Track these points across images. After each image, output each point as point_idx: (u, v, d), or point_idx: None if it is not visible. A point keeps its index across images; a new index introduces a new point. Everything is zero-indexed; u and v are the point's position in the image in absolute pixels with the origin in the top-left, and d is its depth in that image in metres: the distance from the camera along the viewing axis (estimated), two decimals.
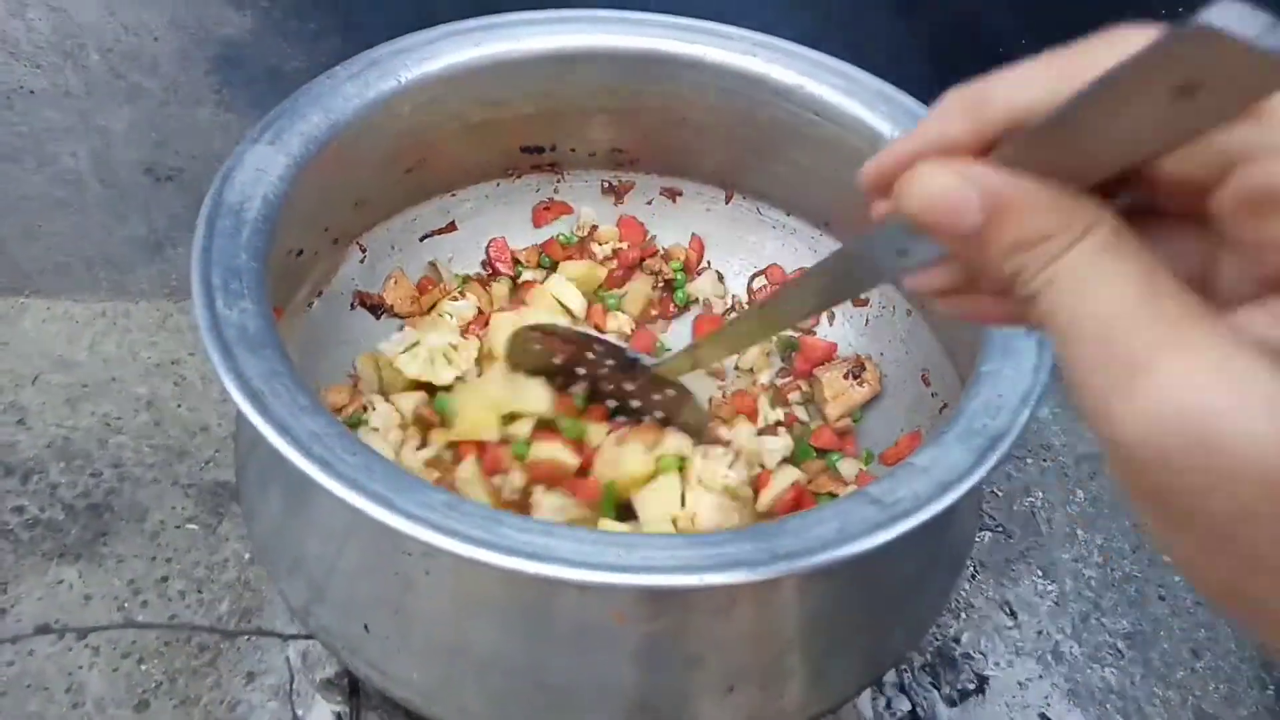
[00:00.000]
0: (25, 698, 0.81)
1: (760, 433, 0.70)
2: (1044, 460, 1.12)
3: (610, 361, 0.65)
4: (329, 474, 0.40)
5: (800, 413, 0.74)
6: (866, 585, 0.50)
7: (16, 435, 1.00)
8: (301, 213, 0.59)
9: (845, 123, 0.66)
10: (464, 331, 0.73)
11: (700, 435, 0.65)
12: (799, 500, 0.63)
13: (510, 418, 0.65)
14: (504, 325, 0.69)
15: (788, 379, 0.76)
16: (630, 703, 0.47)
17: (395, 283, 0.74)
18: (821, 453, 0.70)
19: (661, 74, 0.69)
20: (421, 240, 0.78)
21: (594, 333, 0.66)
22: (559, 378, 0.68)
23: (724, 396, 0.75)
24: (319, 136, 0.58)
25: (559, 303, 0.75)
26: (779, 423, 0.71)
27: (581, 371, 0.67)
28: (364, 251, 0.73)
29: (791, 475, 0.64)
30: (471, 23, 0.66)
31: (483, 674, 0.48)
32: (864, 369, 0.71)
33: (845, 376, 0.70)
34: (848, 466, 0.69)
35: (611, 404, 0.68)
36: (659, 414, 0.66)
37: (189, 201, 1.02)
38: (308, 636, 0.85)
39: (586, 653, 0.46)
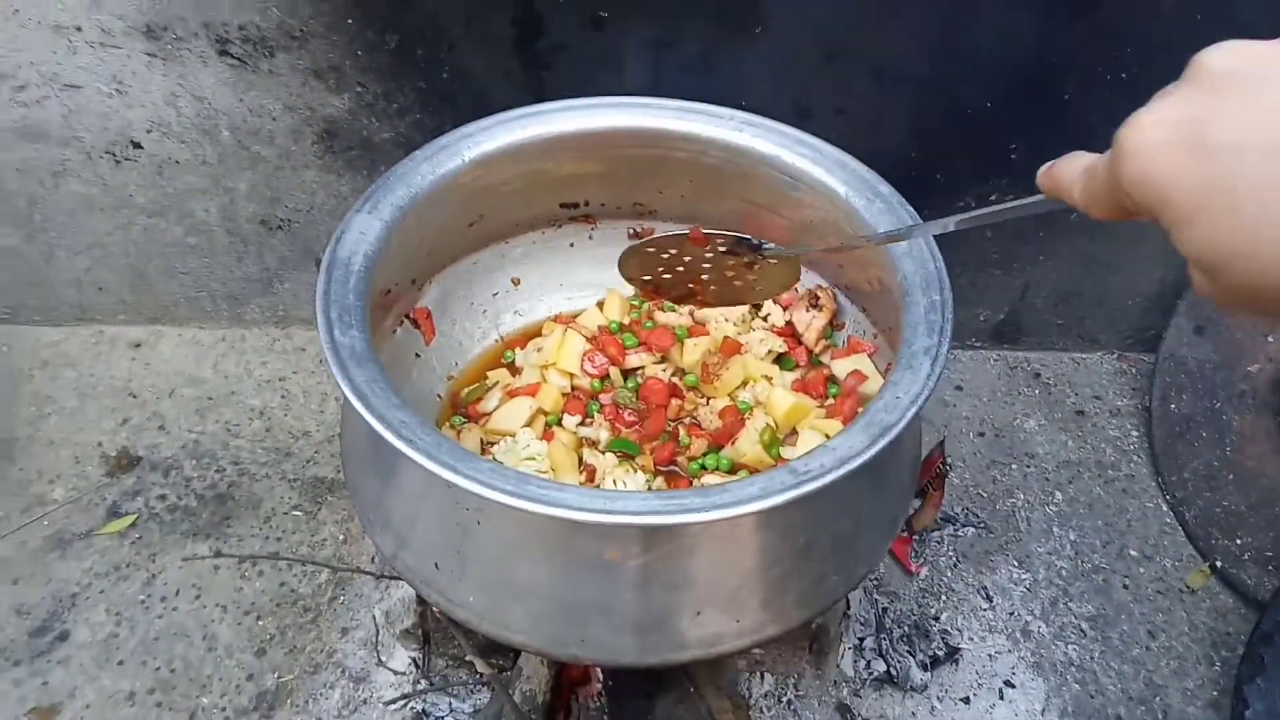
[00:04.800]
0: (173, 643, 1.02)
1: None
2: (1028, 467, 1.25)
3: (722, 248, 0.79)
4: (412, 448, 0.59)
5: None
6: (804, 536, 0.66)
7: (158, 439, 1.23)
8: (390, 262, 0.78)
9: (814, 185, 0.83)
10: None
11: (787, 286, 0.82)
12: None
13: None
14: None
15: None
16: (627, 620, 0.65)
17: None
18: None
19: (669, 144, 0.87)
20: (494, 297, 0.99)
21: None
22: (660, 273, 0.83)
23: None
24: (403, 205, 0.78)
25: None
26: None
27: (685, 263, 0.81)
28: (436, 289, 0.93)
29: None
30: (517, 111, 0.86)
31: (521, 598, 0.66)
32: (818, 297, 0.92)
33: (806, 310, 0.92)
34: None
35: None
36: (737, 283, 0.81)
37: (295, 247, 1.24)
38: (394, 577, 1.05)
39: (594, 582, 0.64)
